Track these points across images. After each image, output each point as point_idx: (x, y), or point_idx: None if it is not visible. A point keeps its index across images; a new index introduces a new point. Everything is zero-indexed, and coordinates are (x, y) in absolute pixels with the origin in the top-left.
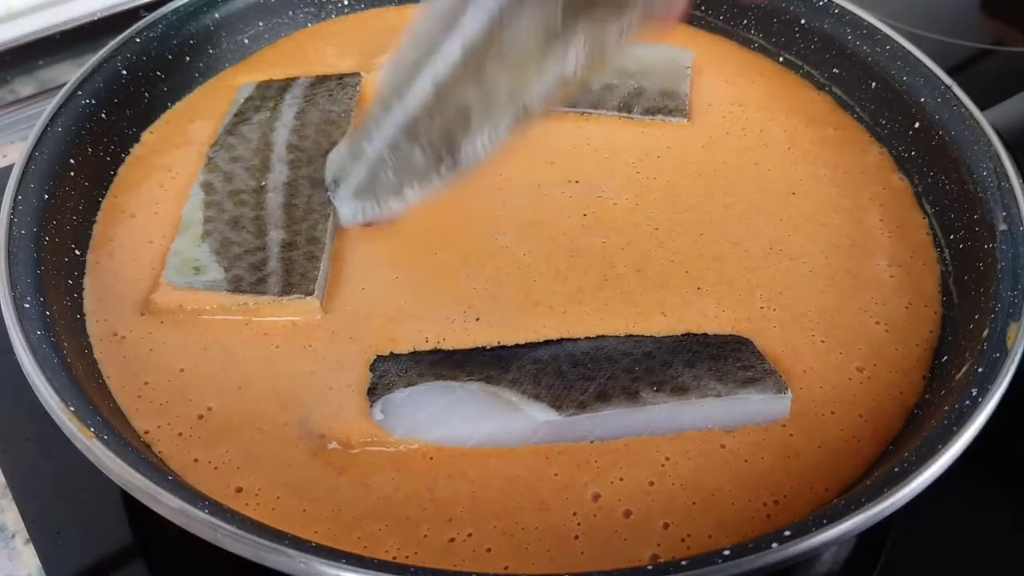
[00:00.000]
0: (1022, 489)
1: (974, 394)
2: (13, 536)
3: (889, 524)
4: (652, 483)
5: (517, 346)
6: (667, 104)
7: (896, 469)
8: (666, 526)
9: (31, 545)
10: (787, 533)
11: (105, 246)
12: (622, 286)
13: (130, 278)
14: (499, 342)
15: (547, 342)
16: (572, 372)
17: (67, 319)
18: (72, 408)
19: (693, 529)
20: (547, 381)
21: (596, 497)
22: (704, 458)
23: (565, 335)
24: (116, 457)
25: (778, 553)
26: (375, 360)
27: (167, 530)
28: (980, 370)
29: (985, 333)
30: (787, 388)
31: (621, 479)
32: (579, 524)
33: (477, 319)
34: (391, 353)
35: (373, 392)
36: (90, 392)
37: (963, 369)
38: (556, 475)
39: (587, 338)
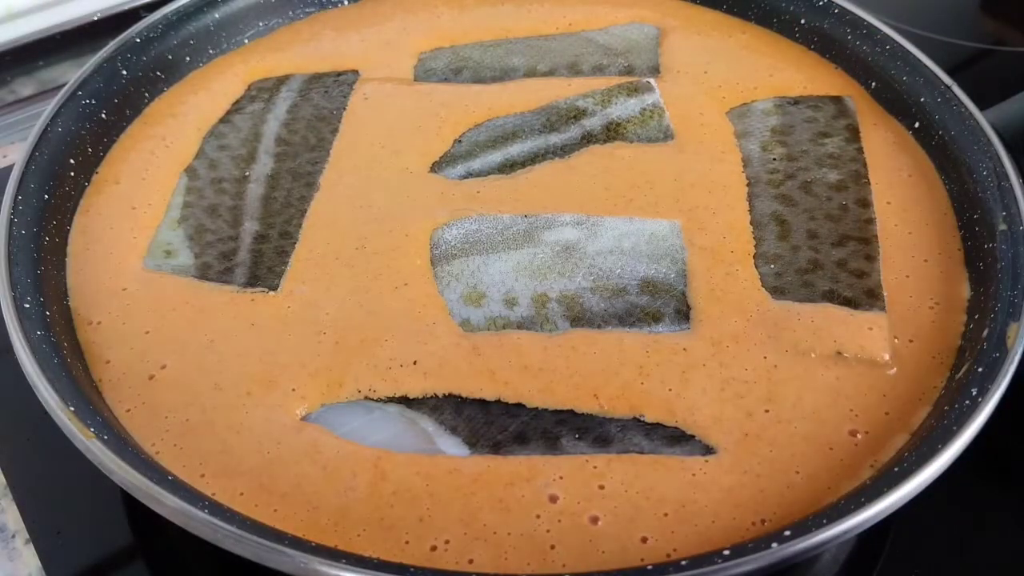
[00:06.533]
0: (1022, 489)
1: (974, 394)
2: (13, 536)
3: (889, 524)
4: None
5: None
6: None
7: (896, 469)
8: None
9: (31, 545)
10: (787, 533)
11: (86, 213)
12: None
13: (108, 246)
14: (433, 394)
15: None
16: (497, 406)
17: (67, 319)
18: (72, 408)
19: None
20: (469, 412)
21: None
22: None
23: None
24: (116, 457)
25: (778, 553)
26: None
27: (167, 530)
28: (980, 370)
29: (985, 333)
30: (715, 449)
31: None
32: (548, 531)
33: (414, 362)
34: None
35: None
36: (90, 392)
37: (963, 369)
38: (488, 467)
39: None
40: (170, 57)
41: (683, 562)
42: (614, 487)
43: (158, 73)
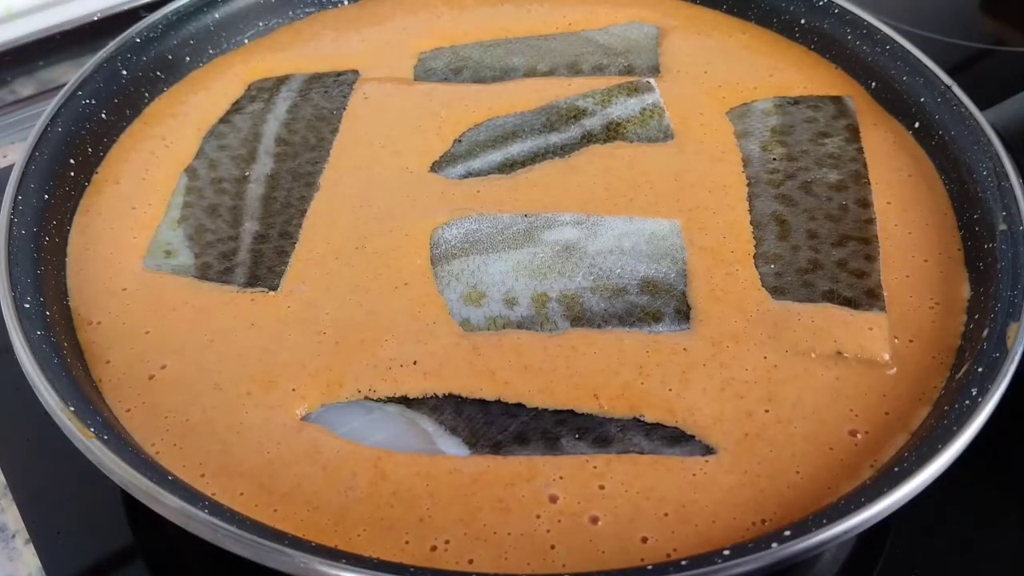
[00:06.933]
0: (1022, 489)
1: (974, 394)
2: (13, 536)
3: (889, 524)
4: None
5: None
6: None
7: (896, 469)
8: (645, 540)
9: (31, 545)
10: (787, 533)
11: (86, 213)
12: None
13: (108, 246)
14: (433, 394)
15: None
16: (497, 406)
17: (67, 319)
18: (72, 408)
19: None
20: (469, 412)
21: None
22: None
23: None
24: (116, 457)
25: (778, 553)
26: None
27: (167, 530)
28: (980, 370)
29: (985, 333)
30: (715, 449)
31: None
32: (548, 531)
33: (414, 362)
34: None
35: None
36: (90, 392)
37: (963, 369)
38: (489, 467)
39: None
40: (170, 57)
41: (683, 562)
42: (614, 487)
43: (158, 73)
